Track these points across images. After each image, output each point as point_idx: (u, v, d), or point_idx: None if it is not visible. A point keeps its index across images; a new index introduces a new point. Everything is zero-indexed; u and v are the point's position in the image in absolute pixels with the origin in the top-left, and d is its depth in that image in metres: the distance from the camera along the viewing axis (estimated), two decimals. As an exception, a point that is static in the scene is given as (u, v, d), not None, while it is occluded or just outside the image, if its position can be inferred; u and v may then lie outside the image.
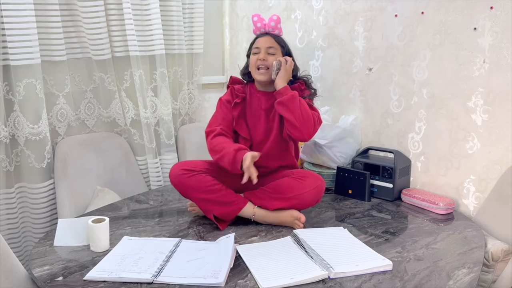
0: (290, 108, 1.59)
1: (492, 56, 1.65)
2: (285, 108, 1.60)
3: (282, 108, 1.61)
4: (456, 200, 1.81)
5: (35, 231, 1.91)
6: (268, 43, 1.70)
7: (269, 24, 1.73)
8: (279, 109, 1.62)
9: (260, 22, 1.73)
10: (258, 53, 1.70)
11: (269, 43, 1.70)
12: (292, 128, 1.61)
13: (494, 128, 1.68)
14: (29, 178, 1.87)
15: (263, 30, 1.74)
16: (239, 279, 1.22)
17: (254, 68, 1.71)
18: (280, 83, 1.64)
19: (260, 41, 1.72)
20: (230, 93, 1.76)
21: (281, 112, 1.62)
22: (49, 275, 1.23)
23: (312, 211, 1.76)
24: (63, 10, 1.92)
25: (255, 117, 1.74)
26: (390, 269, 1.28)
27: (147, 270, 1.23)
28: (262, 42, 1.71)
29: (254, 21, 1.74)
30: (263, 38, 1.72)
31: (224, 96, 1.78)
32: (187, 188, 1.60)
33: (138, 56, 2.10)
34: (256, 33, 1.77)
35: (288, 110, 1.59)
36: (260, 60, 1.68)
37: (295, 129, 1.61)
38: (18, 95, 1.79)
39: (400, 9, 1.91)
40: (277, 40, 1.72)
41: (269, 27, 1.73)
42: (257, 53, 1.70)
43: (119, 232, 1.52)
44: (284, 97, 1.60)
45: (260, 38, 1.73)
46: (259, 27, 1.74)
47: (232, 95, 1.75)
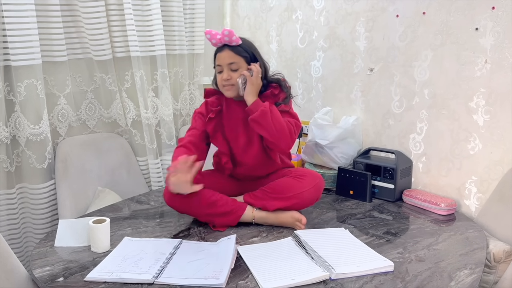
0: (263, 124, 1.52)
1: (494, 56, 1.65)
2: (258, 125, 1.53)
3: (255, 125, 1.54)
4: (457, 201, 1.81)
5: (36, 231, 1.91)
6: (228, 59, 1.57)
7: (222, 39, 1.57)
8: (252, 126, 1.55)
9: (214, 39, 1.57)
10: (221, 71, 1.59)
11: (228, 58, 1.57)
12: (268, 143, 1.58)
13: (495, 128, 1.68)
14: (30, 179, 1.87)
15: (219, 44, 1.59)
16: (240, 279, 1.21)
17: (221, 86, 1.62)
18: (250, 98, 1.55)
19: (219, 57, 1.59)
20: (205, 106, 1.70)
21: (255, 129, 1.56)
22: (50, 276, 1.23)
23: (313, 211, 1.76)
24: (64, 11, 1.92)
25: (233, 128, 1.67)
26: (391, 270, 1.27)
27: (148, 271, 1.22)
28: (222, 58, 1.58)
29: (208, 39, 1.59)
30: (223, 54, 1.58)
31: (198, 108, 1.72)
32: (183, 208, 1.58)
33: (139, 57, 2.10)
34: (213, 45, 1.62)
35: (260, 127, 1.53)
36: (224, 80, 1.58)
37: (271, 144, 1.58)
38: (19, 95, 1.79)
39: (402, 9, 1.90)
40: (237, 52, 1.57)
41: (222, 41, 1.57)
42: (220, 71, 1.60)
43: (120, 233, 1.52)
44: (255, 114, 1.52)
45: (219, 54, 1.59)
46: (214, 43, 1.59)
47: (206, 108, 1.68)
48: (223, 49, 1.58)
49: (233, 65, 1.58)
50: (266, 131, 1.54)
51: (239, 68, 1.58)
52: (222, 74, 1.59)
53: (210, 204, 1.54)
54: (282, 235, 1.52)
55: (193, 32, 2.39)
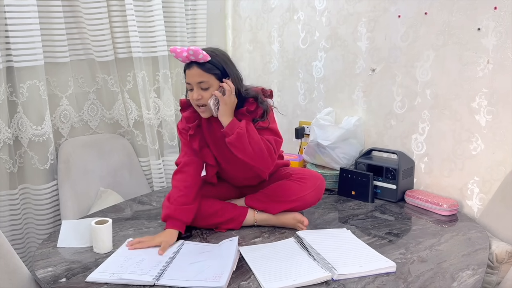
0: (239, 148, 1.43)
1: (496, 56, 1.65)
2: (235, 148, 1.44)
3: (233, 148, 1.45)
4: (460, 201, 1.81)
5: (38, 232, 1.91)
6: (197, 77, 1.44)
7: (189, 57, 1.43)
8: (231, 148, 1.46)
9: (181, 56, 1.44)
10: (192, 89, 1.48)
11: (197, 77, 1.44)
12: (249, 165, 1.49)
13: (498, 129, 1.67)
14: (32, 179, 1.88)
15: (187, 61, 1.46)
16: (242, 280, 1.22)
17: (194, 106, 1.51)
18: (224, 119, 1.45)
19: (188, 75, 1.46)
20: (185, 119, 1.58)
21: (233, 151, 1.46)
22: (52, 277, 1.23)
23: (315, 212, 1.76)
24: (66, 12, 1.93)
25: (216, 142, 1.58)
26: (393, 271, 1.27)
27: (149, 272, 1.23)
28: (191, 77, 1.45)
29: (174, 57, 1.47)
30: (191, 72, 1.45)
31: (180, 123, 1.61)
32: None
33: (141, 58, 2.10)
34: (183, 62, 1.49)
35: (237, 150, 1.44)
36: (195, 100, 1.47)
37: (252, 166, 1.49)
38: (22, 96, 1.80)
39: (403, 9, 1.90)
40: (206, 69, 1.44)
41: (188, 59, 1.44)
42: (191, 89, 1.49)
43: (122, 234, 1.52)
44: (231, 137, 1.42)
45: (188, 71, 1.46)
46: (181, 60, 1.46)
47: (188, 122, 1.57)
48: (191, 66, 1.45)
49: (203, 84, 1.45)
50: (243, 154, 1.44)
51: (209, 87, 1.46)
52: (192, 93, 1.48)
53: (211, 215, 1.54)
54: (284, 236, 1.52)
55: (195, 33, 2.39)
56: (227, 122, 1.45)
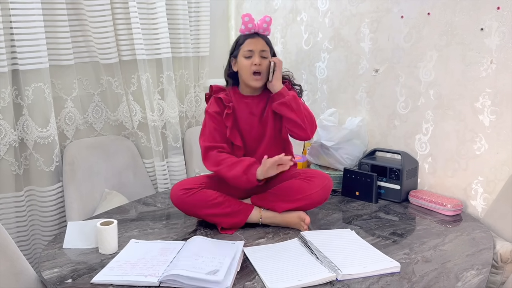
0: (294, 108, 1.58)
1: (499, 56, 1.65)
2: (289, 109, 1.59)
3: (286, 109, 1.59)
4: (464, 201, 1.81)
5: (44, 234, 1.92)
6: (260, 45, 1.63)
7: (260, 25, 1.64)
8: (281, 110, 1.60)
9: (252, 23, 1.63)
10: (251, 56, 1.62)
11: (261, 46, 1.63)
12: (297, 128, 1.61)
13: (502, 128, 1.67)
14: (38, 181, 1.89)
15: (253, 31, 1.65)
16: (247, 281, 1.22)
17: (249, 74, 1.63)
18: (278, 84, 1.62)
19: (252, 43, 1.63)
20: (216, 103, 1.67)
21: (284, 113, 1.60)
22: (59, 278, 1.24)
23: (319, 212, 1.76)
24: (70, 15, 1.94)
25: (246, 123, 1.68)
26: (398, 271, 1.27)
27: (154, 273, 1.23)
28: (255, 44, 1.62)
29: (245, 21, 1.63)
30: (255, 40, 1.63)
31: (210, 107, 1.68)
32: (190, 207, 1.58)
33: (145, 60, 2.11)
34: (244, 32, 1.66)
35: (292, 110, 1.59)
36: (256, 65, 1.61)
37: (300, 129, 1.61)
38: (27, 99, 1.81)
39: (406, 10, 1.91)
40: (267, 42, 1.66)
41: (260, 27, 1.64)
42: (249, 56, 1.62)
43: (127, 235, 1.53)
44: (286, 98, 1.58)
45: (251, 40, 1.63)
46: (250, 27, 1.64)
47: (218, 105, 1.67)
48: (255, 36, 1.64)
49: (264, 52, 1.63)
50: (297, 115, 1.58)
51: (267, 58, 1.64)
52: (252, 58, 1.62)
53: (217, 204, 1.55)
54: (288, 237, 1.53)
55: (198, 35, 2.40)
56: (280, 87, 1.62)
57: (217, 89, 1.72)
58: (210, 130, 1.66)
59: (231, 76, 1.72)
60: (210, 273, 1.19)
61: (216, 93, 1.70)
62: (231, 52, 1.69)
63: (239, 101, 1.69)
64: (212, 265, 1.24)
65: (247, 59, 1.63)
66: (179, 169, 2.32)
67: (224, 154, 1.60)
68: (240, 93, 1.71)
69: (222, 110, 1.66)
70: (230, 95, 1.69)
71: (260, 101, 1.69)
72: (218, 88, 1.72)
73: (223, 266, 1.24)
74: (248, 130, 1.69)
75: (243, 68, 1.64)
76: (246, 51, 1.62)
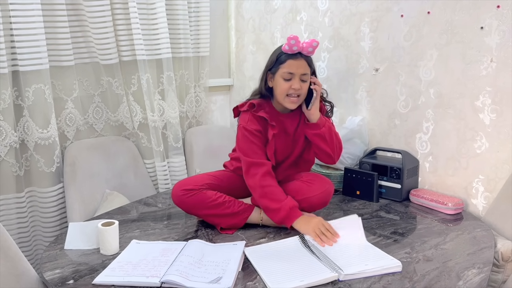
0: (328, 140, 1.61)
1: (500, 55, 1.65)
2: (323, 141, 1.61)
3: (320, 140, 1.61)
4: (464, 200, 1.81)
5: (45, 235, 1.92)
6: (302, 69, 1.55)
7: (306, 48, 1.54)
8: (315, 140, 1.62)
9: (297, 45, 1.53)
10: (290, 79, 1.55)
11: (303, 69, 1.55)
12: (325, 156, 1.66)
13: (502, 127, 1.67)
14: (38, 182, 1.89)
15: (296, 51, 1.55)
16: (248, 281, 1.22)
17: (284, 95, 1.57)
18: (316, 114, 1.60)
19: (294, 65, 1.54)
20: (256, 121, 1.61)
21: (318, 143, 1.62)
22: (60, 279, 1.24)
23: (320, 212, 1.76)
24: (70, 16, 1.94)
25: (280, 140, 1.66)
26: (399, 270, 1.27)
27: (155, 274, 1.23)
28: (296, 67, 1.54)
29: (291, 44, 1.53)
30: (298, 63, 1.55)
31: (249, 125, 1.60)
32: (190, 207, 1.58)
33: (145, 60, 2.12)
34: (287, 51, 1.55)
35: (325, 142, 1.61)
36: (295, 89, 1.55)
37: (328, 157, 1.66)
38: (27, 100, 1.81)
39: (406, 9, 1.91)
40: (309, 63, 1.58)
41: (305, 50, 1.55)
42: (289, 79, 1.55)
43: (128, 235, 1.53)
44: (322, 130, 1.60)
45: (293, 61, 1.54)
46: (294, 50, 1.54)
47: (259, 123, 1.61)
48: (298, 57, 1.55)
49: (305, 76, 1.57)
50: (328, 146, 1.61)
51: (307, 80, 1.58)
52: (291, 82, 1.55)
53: (217, 205, 1.55)
54: (289, 237, 1.52)
55: (198, 35, 2.40)
56: (318, 116, 1.61)
57: (251, 106, 1.63)
58: (252, 148, 1.60)
59: (267, 91, 1.64)
60: (213, 281, 1.19)
61: (255, 110, 1.62)
62: (269, 67, 1.61)
63: (274, 118, 1.64)
64: (215, 273, 1.24)
65: (286, 81, 1.56)
66: (180, 170, 2.32)
67: (268, 180, 1.55)
68: (275, 109, 1.66)
69: (263, 127, 1.62)
70: (266, 112, 1.63)
71: (293, 120, 1.68)
72: (252, 104, 1.63)
73: (226, 272, 1.24)
74: (281, 148, 1.68)
75: (281, 90, 1.58)
76: (287, 73, 1.55)
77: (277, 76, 1.58)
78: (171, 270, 1.24)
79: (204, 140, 2.41)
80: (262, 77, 1.65)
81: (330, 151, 1.62)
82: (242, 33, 2.64)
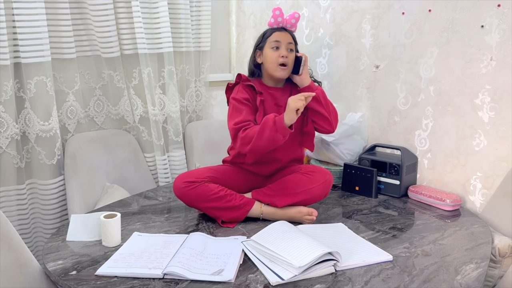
0: (323, 103, 1.65)
1: (499, 53, 1.66)
2: (319, 104, 1.64)
3: (316, 103, 1.64)
4: (462, 196, 1.83)
5: (45, 227, 1.93)
6: (288, 38, 1.68)
7: (289, 20, 1.71)
8: (311, 103, 1.62)
9: (281, 17, 1.69)
10: (278, 47, 1.67)
11: (288, 39, 1.68)
12: (323, 121, 1.67)
13: (501, 125, 1.69)
14: (39, 175, 1.89)
15: (281, 25, 1.71)
16: (250, 273, 1.23)
17: (275, 64, 1.67)
18: (307, 78, 1.69)
19: (279, 35, 1.68)
20: (245, 90, 1.68)
21: (313, 106, 1.64)
22: (63, 270, 1.25)
23: (320, 207, 1.77)
24: (72, 8, 1.94)
25: (270, 112, 1.65)
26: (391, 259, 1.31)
27: (158, 265, 1.24)
28: (283, 37, 1.68)
29: (276, 15, 1.69)
30: (283, 34, 1.69)
31: (237, 94, 1.67)
32: (191, 199, 1.59)
33: (147, 54, 2.12)
34: (273, 26, 1.72)
35: (321, 105, 1.64)
36: (283, 57, 1.66)
37: (326, 123, 1.67)
38: (29, 92, 1.81)
39: (407, 6, 1.92)
40: (294, 37, 1.72)
41: (288, 23, 1.71)
42: (276, 47, 1.67)
43: (130, 228, 1.54)
44: (316, 92, 1.62)
45: (279, 33, 1.69)
46: (279, 21, 1.70)
47: (248, 92, 1.68)
48: (283, 30, 1.70)
49: (291, 45, 1.69)
50: (325, 110, 1.65)
51: (293, 51, 1.69)
52: (279, 50, 1.67)
53: (218, 198, 1.56)
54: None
55: (200, 30, 2.40)
56: (309, 81, 1.69)
57: (245, 79, 1.74)
58: (238, 110, 1.63)
59: (256, 67, 1.75)
60: (215, 273, 1.21)
61: (244, 81, 1.73)
62: (257, 44, 1.74)
63: (264, 91, 1.72)
64: (216, 265, 1.25)
65: (274, 50, 1.67)
66: (180, 163, 2.33)
67: (248, 130, 1.55)
68: (265, 84, 1.74)
69: (252, 97, 1.68)
70: (256, 85, 1.72)
71: (284, 93, 1.73)
72: (245, 78, 1.74)
73: (227, 265, 1.25)
74: None
75: (270, 59, 1.68)
76: (273, 41, 1.67)
77: (266, 49, 1.70)
78: (173, 262, 1.25)
79: (204, 134, 2.42)
80: (251, 56, 1.77)
81: (327, 114, 1.65)
82: (243, 28, 2.65)
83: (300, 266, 1.18)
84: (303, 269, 1.19)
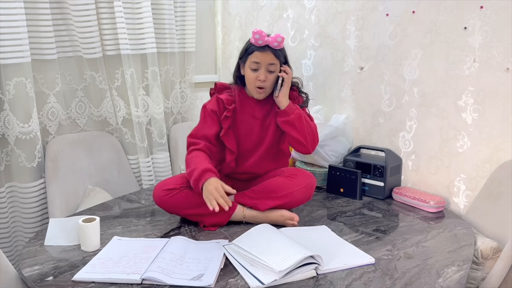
0: (298, 128, 1.59)
1: (482, 55, 1.66)
2: (293, 128, 1.60)
3: (290, 127, 1.60)
4: (446, 198, 1.83)
5: (25, 230, 1.90)
6: (268, 59, 1.58)
7: (271, 42, 1.58)
8: (285, 127, 1.61)
9: (262, 39, 1.57)
10: (257, 69, 1.60)
11: (269, 59, 1.58)
12: (298, 145, 1.63)
13: (484, 126, 1.69)
14: (19, 178, 1.86)
15: (264, 44, 1.59)
16: (230, 278, 1.22)
17: (253, 86, 1.62)
18: (284, 100, 1.61)
19: (260, 56, 1.58)
20: (216, 103, 1.65)
21: (288, 131, 1.61)
22: (39, 275, 1.22)
23: (304, 209, 1.76)
24: (53, 8, 1.91)
25: (247, 125, 1.68)
26: (373, 262, 1.30)
27: (136, 270, 1.22)
28: (263, 57, 1.58)
29: (255, 38, 1.57)
30: (264, 54, 1.58)
31: (209, 104, 1.66)
32: (172, 207, 1.57)
33: (130, 55, 2.09)
34: (256, 43, 1.59)
35: (295, 130, 1.60)
36: (260, 81, 1.60)
37: (301, 146, 1.63)
38: (8, 94, 1.78)
39: (392, 8, 1.92)
40: (277, 55, 1.60)
41: (271, 44, 1.58)
42: (256, 69, 1.60)
43: (110, 232, 1.52)
44: (291, 116, 1.58)
45: (259, 52, 1.58)
46: (259, 43, 1.58)
47: (218, 105, 1.64)
48: (265, 50, 1.58)
49: (272, 66, 1.60)
50: (300, 134, 1.60)
51: (275, 71, 1.61)
52: (258, 72, 1.60)
53: (199, 204, 1.53)
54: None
55: (184, 30, 2.38)
56: (286, 103, 1.61)
57: (221, 87, 1.70)
58: (200, 127, 1.65)
59: (239, 78, 1.71)
60: (194, 278, 1.19)
61: (220, 91, 1.69)
62: (240, 56, 1.66)
63: (243, 101, 1.68)
64: (197, 270, 1.23)
65: (253, 71, 1.61)
66: (164, 166, 2.31)
67: (191, 155, 1.56)
68: (246, 93, 1.70)
69: (221, 110, 1.64)
70: (234, 95, 1.68)
71: (264, 105, 1.68)
72: (222, 86, 1.70)
73: (207, 269, 1.23)
74: (247, 134, 1.67)
75: (248, 79, 1.63)
76: (253, 62, 1.60)
77: (246, 66, 1.63)
78: (152, 266, 1.23)
79: (189, 136, 2.39)
80: (236, 65, 1.70)
81: (301, 139, 1.60)
82: (228, 29, 2.63)
83: (281, 271, 1.17)
84: (283, 274, 1.17)
